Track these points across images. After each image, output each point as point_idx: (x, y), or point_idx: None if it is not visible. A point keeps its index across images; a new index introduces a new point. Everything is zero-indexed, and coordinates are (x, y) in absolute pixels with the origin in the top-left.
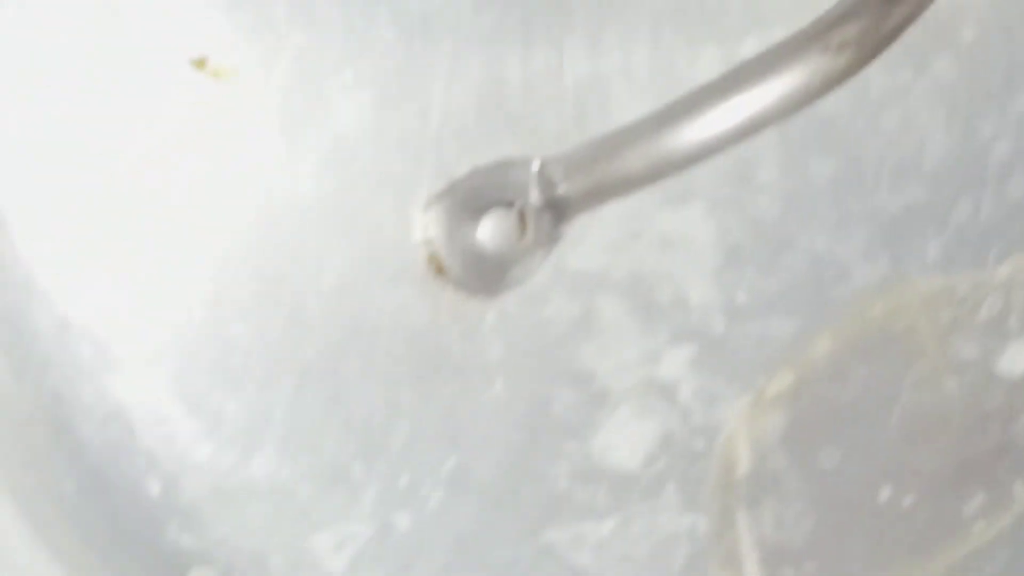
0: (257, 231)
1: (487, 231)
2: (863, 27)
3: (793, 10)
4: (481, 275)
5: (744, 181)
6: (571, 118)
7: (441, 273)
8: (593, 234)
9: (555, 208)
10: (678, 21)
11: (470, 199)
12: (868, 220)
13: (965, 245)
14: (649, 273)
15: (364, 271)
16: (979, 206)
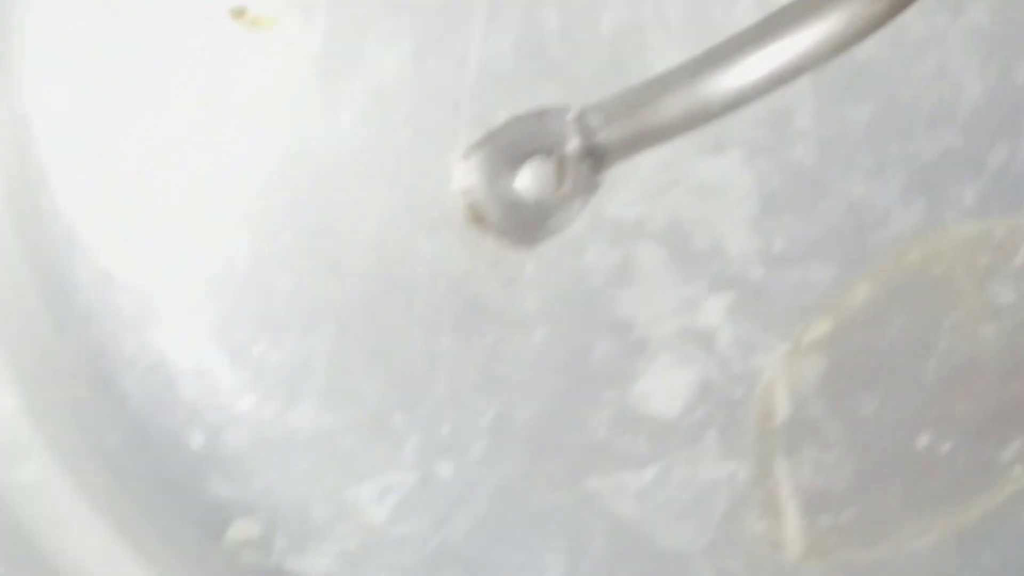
0: (297, 182)
1: (525, 180)
2: None
3: None
4: (520, 224)
5: (781, 128)
6: (608, 66)
7: (480, 222)
8: (631, 182)
9: (593, 156)
10: None
11: (508, 148)
12: (905, 166)
13: (1001, 190)
14: (687, 221)
15: (403, 221)
16: (1015, 151)
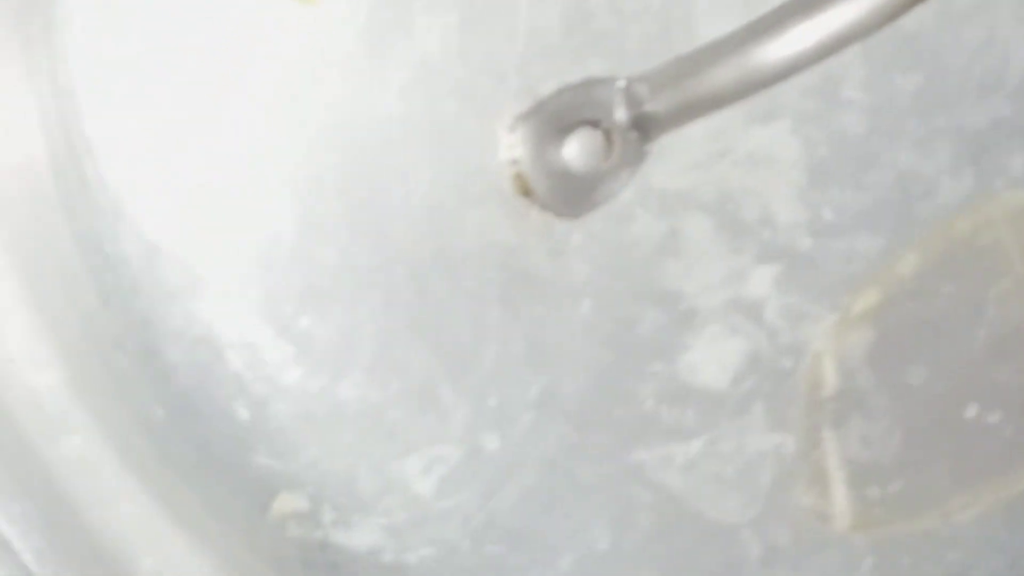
0: (343, 153)
1: (573, 150)
2: None
3: None
4: (567, 195)
5: (829, 97)
6: (656, 35)
7: (527, 193)
8: (679, 152)
9: (641, 126)
10: None
11: (556, 118)
12: (953, 135)
13: None
14: (735, 191)
15: (450, 192)
16: None
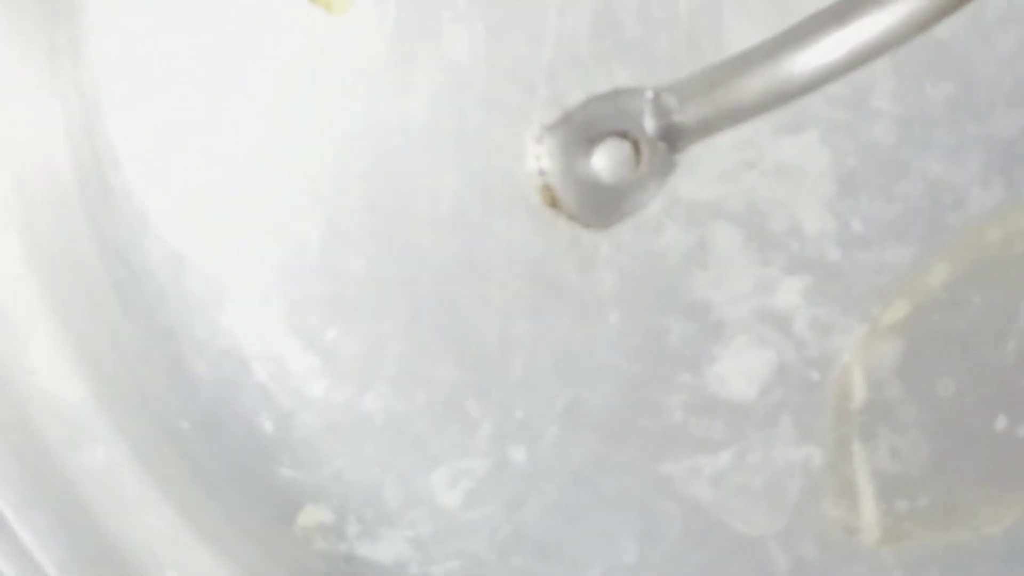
0: (370, 163)
1: (601, 161)
2: None
3: None
4: (595, 206)
5: (858, 107)
6: (684, 44)
7: (555, 204)
8: (707, 163)
9: (669, 137)
10: None
11: (584, 129)
12: (983, 145)
13: None
14: (763, 202)
15: (477, 202)
16: None
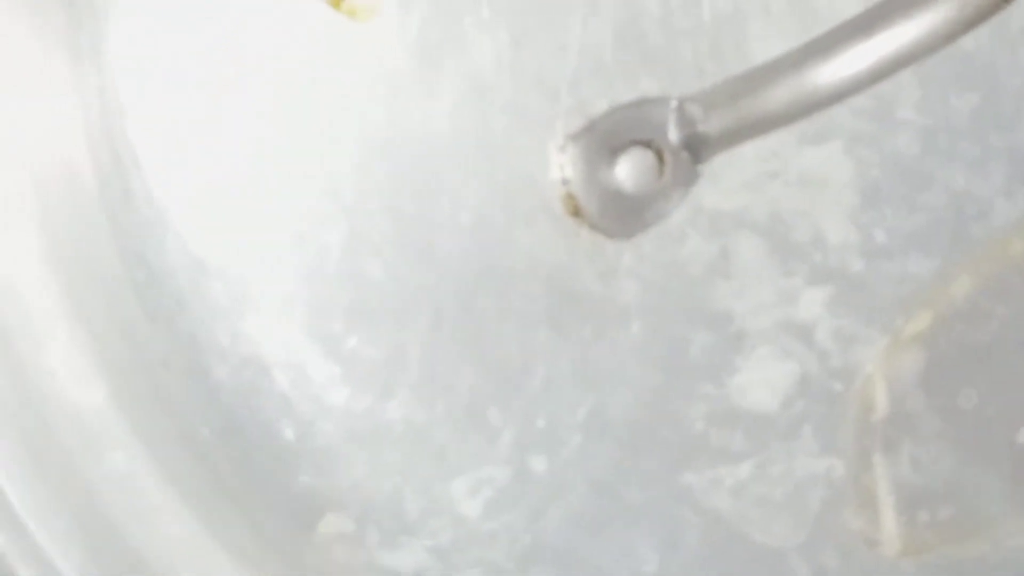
0: (392, 170)
1: (624, 170)
2: None
3: None
4: (618, 215)
5: (882, 118)
6: (709, 53)
7: (577, 213)
8: (730, 173)
9: (693, 147)
10: None
11: (607, 138)
12: (1008, 157)
13: None
14: (786, 212)
15: (500, 211)
16: None
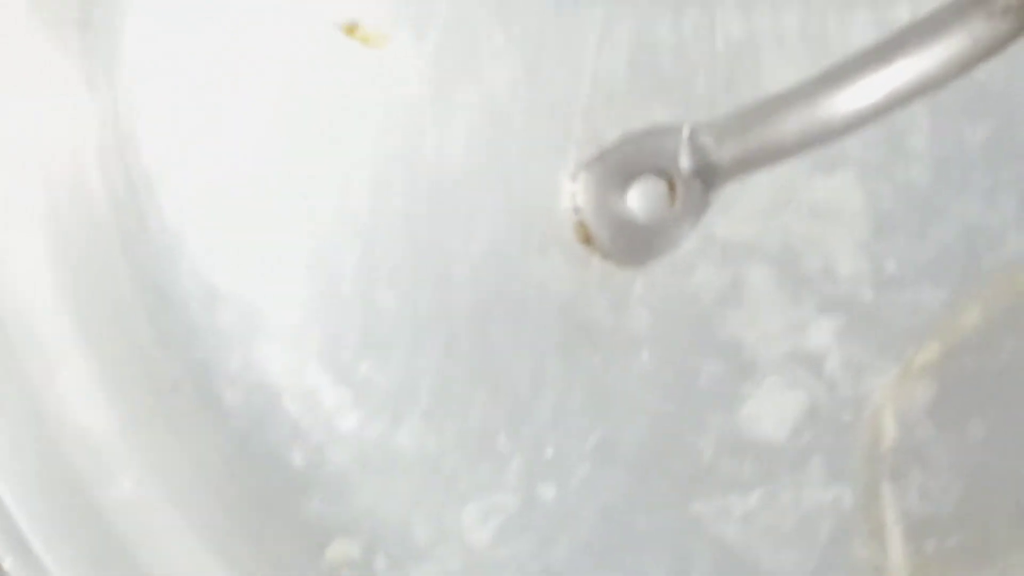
0: (405, 197)
1: (636, 199)
2: None
3: None
4: (629, 244)
5: (895, 148)
6: (722, 82)
7: (589, 241)
8: (741, 202)
9: (705, 176)
10: None
11: (620, 166)
12: (1019, 188)
13: None
14: (797, 242)
15: (512, 239)
16: None
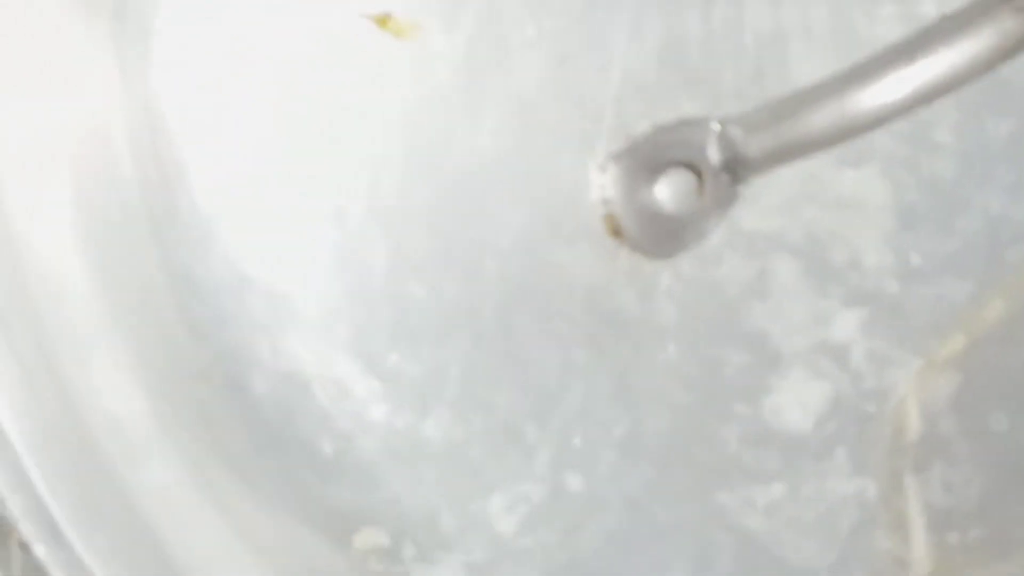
0: (435, 189)
1: (664, 191)
2: None
3: None
4: (657, 236)
5: (920, 142)
6: (750, 76)
7: (617, 234)
8: (768, 195)
9: (733, 168)
10: None
11: (649, 159)
12: None
13: None
14: (823, 234)
15: (541, 230)
16: None
